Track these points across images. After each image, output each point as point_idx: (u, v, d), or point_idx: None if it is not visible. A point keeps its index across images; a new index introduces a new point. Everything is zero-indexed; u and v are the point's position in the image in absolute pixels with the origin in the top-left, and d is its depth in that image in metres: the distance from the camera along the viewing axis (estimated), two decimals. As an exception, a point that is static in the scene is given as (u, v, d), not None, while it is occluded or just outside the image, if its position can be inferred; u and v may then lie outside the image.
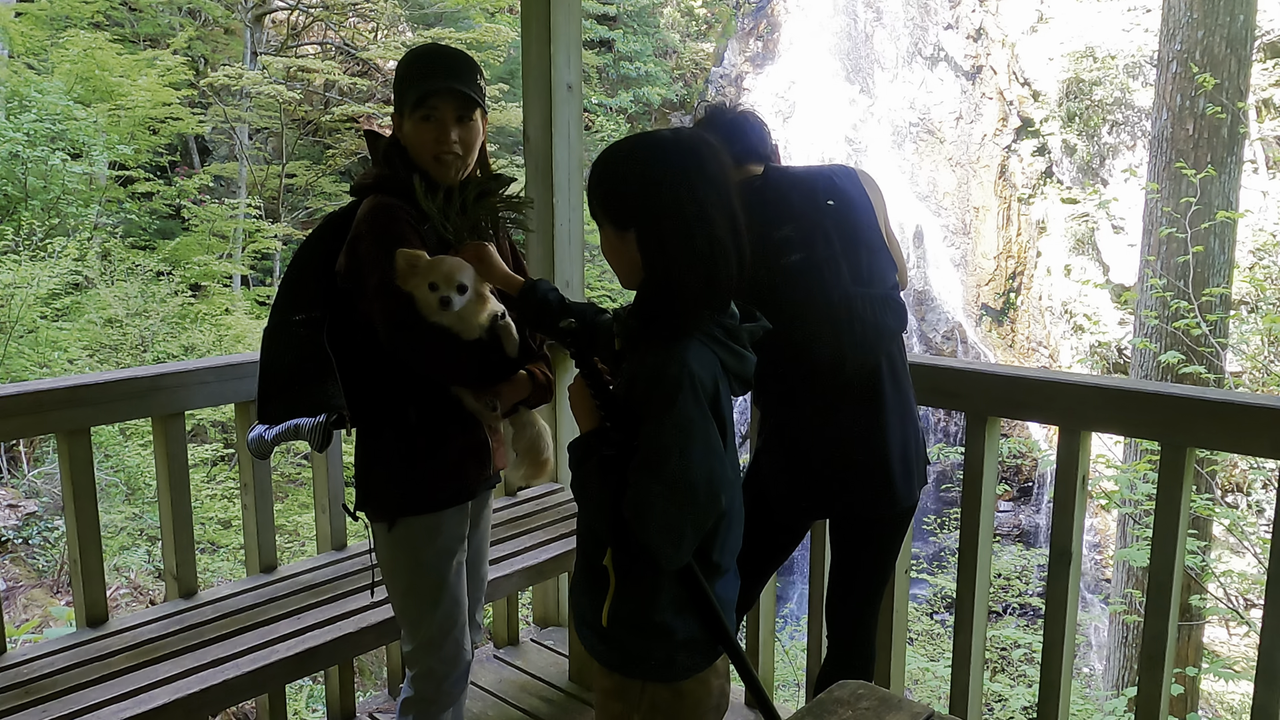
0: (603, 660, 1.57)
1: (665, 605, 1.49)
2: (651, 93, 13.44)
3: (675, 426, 1.38)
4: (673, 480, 1.38)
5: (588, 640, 1.59)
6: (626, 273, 1.52)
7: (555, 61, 2.97)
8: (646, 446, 1.39)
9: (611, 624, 1.51)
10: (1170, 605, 1.97)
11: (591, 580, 1.54)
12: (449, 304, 1.76)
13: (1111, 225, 12.33)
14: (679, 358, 1.41)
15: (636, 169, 1.48)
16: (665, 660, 1.52)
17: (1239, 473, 8.51)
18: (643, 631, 1.51)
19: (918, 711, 1.26)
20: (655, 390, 1.40)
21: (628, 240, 1.48)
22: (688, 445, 1.38)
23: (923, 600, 8.82)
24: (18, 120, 7.69)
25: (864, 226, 1.95)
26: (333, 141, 11.13)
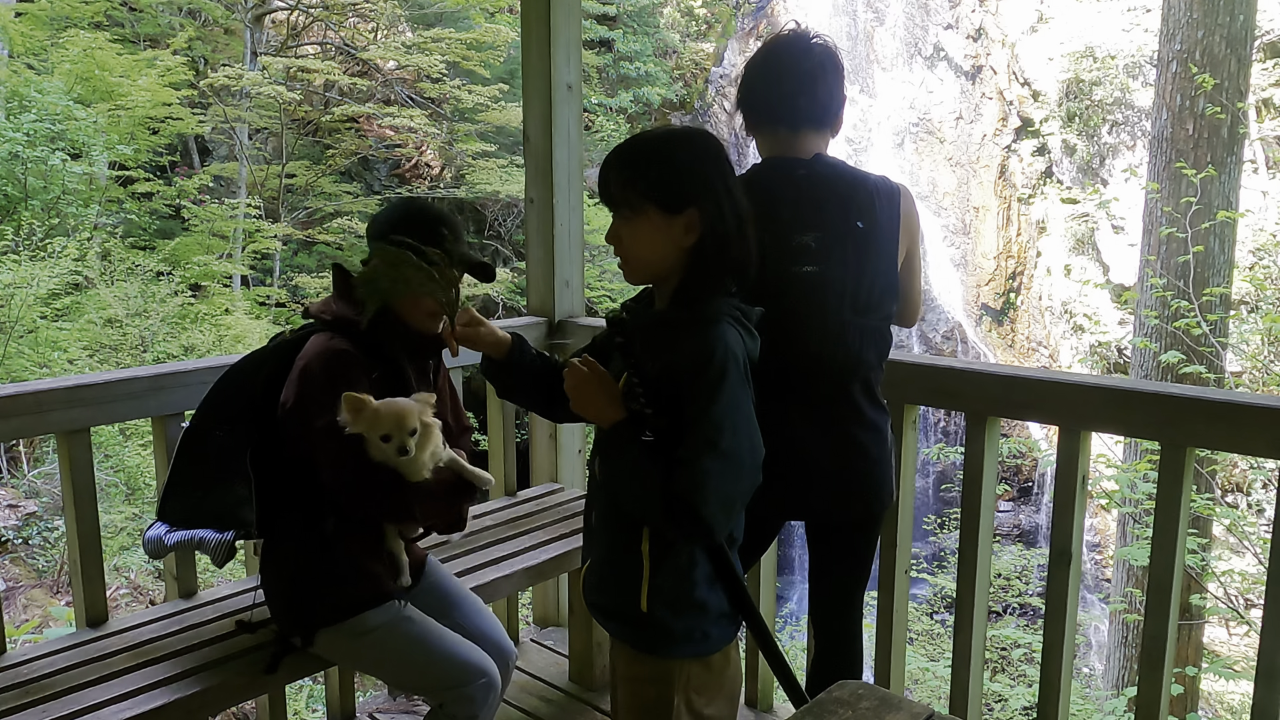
0: (640, 646, 1.59)
1: (700, 581, 1.55)
2: (651, 93, 13.43)
3: (727, 403, 1.44)
4: (728, 454, 1.43)
5: (619, 630, 1.62)
6: (658, 261, 1.54)
7: (555, 61, 2.97)
8: (701, 425, 1.43)
9: (651, 607, 1.54)
10: (1170, 605, 1.97)
11: (621, 569, 1.58)
12: (406, 451, 1.82)
13: (1111, 225, 12.33)
14: (722, 339, 1.47)
15: (685, 149, 1.54)
16: (701, 636, 1.57)
17: (1239, 473, 8.51)
18: (682, 610, 1.55)
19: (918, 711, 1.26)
20: (704, 371, 1.44)
21: (675, 224, 1.51)
22: (738, 420, 1.45)
23: (923, 600, 8.82)
24: (18, 120, 7.69)
25: (882, 255, 1.92)
26: (333, 141, 11.13)
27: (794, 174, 1.90)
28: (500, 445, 3.12)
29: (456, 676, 1.99)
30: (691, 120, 14.02)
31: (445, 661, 2.00)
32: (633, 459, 1.48)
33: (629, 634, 1.61)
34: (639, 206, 1.52)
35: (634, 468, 1.48)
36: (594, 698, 2.84)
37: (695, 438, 1.44)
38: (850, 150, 13.88)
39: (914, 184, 14.01)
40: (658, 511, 1.46)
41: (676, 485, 1.43)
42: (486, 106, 10.53)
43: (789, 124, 1.93)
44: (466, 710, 1.99)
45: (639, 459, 1.47)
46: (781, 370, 1.81)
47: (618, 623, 1.62)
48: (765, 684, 2.75)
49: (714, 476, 1.43)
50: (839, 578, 2.12)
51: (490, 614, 2.26)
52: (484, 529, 2.77)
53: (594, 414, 1.55)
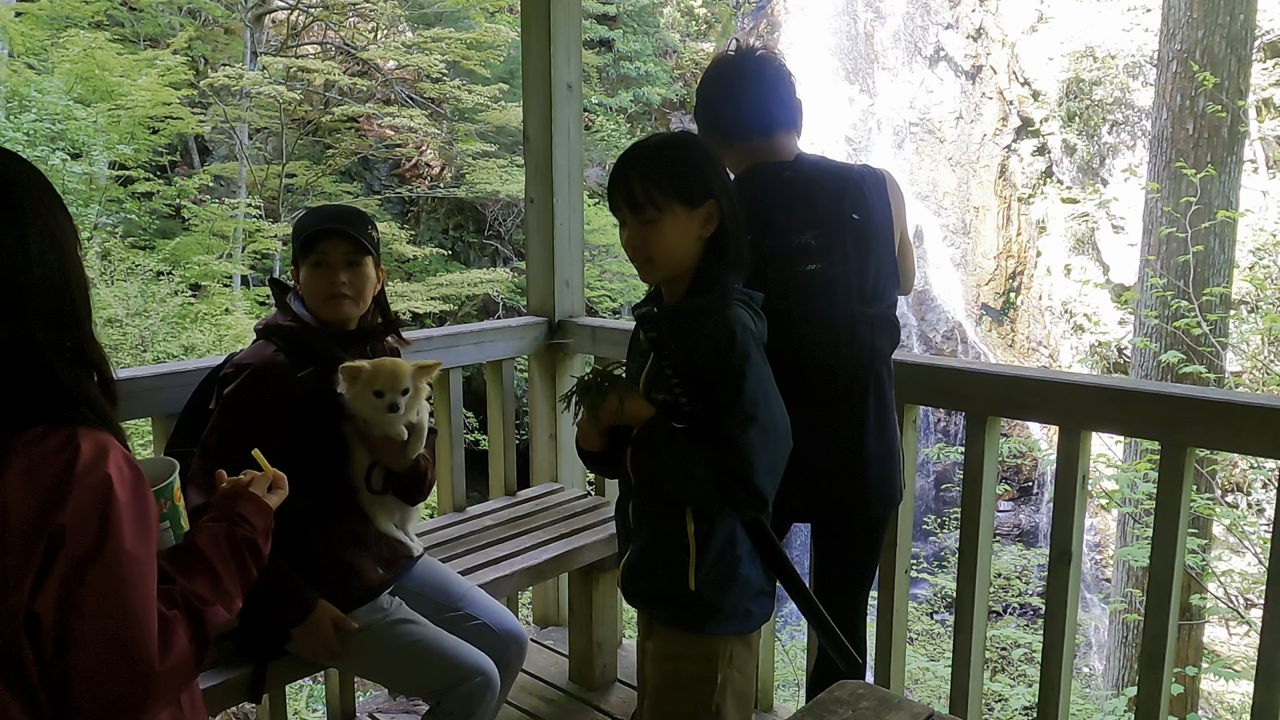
0: (686, 625, 1.64)
1: (743, 557, 1.63)
2: (651, 93, 13.43)
3: (757, 377, 1.53)
4: (767, 425, 1.52)
5: (664, 612, 1.67)
6: (680, 254, 1.62)
7: (555, 61, 2.97)
8: (740, 402, 1.51)
9: (699, 585, 1.60)
10: (1170, 605, 1.97)
11: (667, 553, 1.63)
12: (395, 408, 1.90)
13: (1111, 225, 12.33)
14: (739, 319, 1.56)
15: (696, 147, 1.66)
16: (744, 613, 1.65)
17: (1239, 473, 8.51)
18: (728, 587, 1.62)
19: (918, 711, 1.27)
20: (730, 352, 1.53)
21: (696, 215, 1.60)
22: (769, 391, 1.55)
23: (923, 600, 8.82)
24: (18, 120, 7.69)
25: (879, 242, 1.94)
26: (333, 141, 11.12)
27: (780, 176, 1.92)
28: (500, 445, 3.12)
29: (452, 676, 1.99)
30: (690, 119, 14.01)
31: (440, 661, 2.00)
32: (677, 447, 1.55)
33: (674, 614, 1.66)
34: (664, 205, 1.59)
35: (679, 455, 1.54)
36: (594, 698, 2.84)
37: (736, 415, 1.51)
38: (850, 150, 13.88)
39: (914, 184, 14.01)
40: (710, 490, 1.52)
41: (726, 461, 1.51)
42: (486, 106, 10.53)
43: (762, 131, 1.96)
44: (463, 709, 1.99)
45: (682, 446, 1.54)
46: (799, 369, 1.82)
47: (662, 605, 1.67)
48: (765, 683, 2.75)
49: (759, 447, 1.51)
50: (845, 577, 2.12)
51: (497, 602, 2.27)
52: (484, 529, 2.77)
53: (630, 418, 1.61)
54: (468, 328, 3.04)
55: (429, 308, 9.63)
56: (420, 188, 11.37)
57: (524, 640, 2.21)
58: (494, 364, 3.06)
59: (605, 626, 2.88)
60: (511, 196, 10.80)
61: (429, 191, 11.32)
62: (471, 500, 3.00)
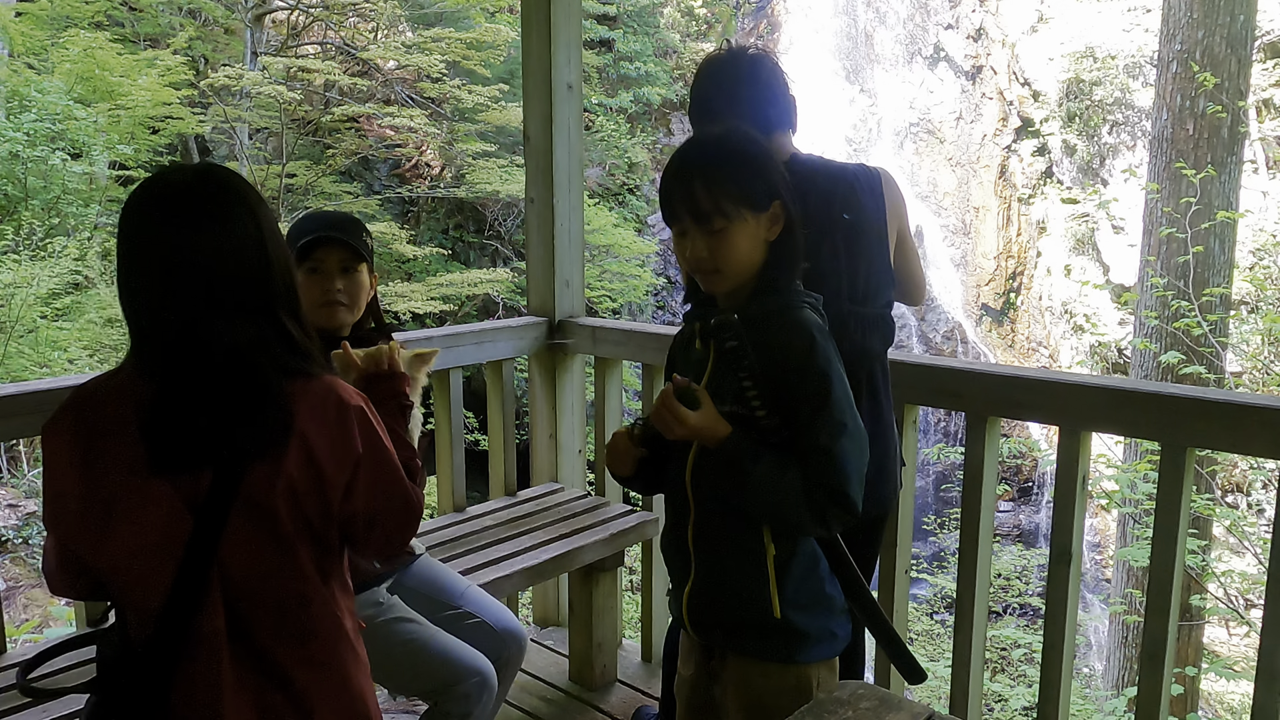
0: (773, 656, 1.53)
1: (826, 576, 1.55)
2: (651, 93, 13.43)
3: (841, 383, 1.46)
4: (855, 433, 1.46)
5: (746, 643, 1.55)
6: (748, 261, 1.51)
7: (555, 61, 2.97)
8: (829, 411, 1.44)
9: (785, 611, 1.51)
10: (1170, 605, 1.97)
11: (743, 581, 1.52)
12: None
13: (1111, 225, 12.33)
14: (813, 322, 1.49)
15: (756, 143, 1.55)
16: (830, 635, 1.56)
17: (1239, 473, 8.51)
18: (814, 610, 1.54)
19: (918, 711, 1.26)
20: (811, 359, 1.45)
21: (763, 219, 1.51)
22: (851, 400, 1.48)
23: (923, 600, 8.82)
24: (18, 120, 7.69)
25: (871, 242, 1.94)
26: (333, 141, 11.11)
27: None
28: (500, 445, 3.12)
29: (448, 676, 1.99)
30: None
31: (437, 661, 2.00)
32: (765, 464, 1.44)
33: (759, 645, 1.54)
34: (733, 213, 1.48)
35: (768, 472, 1.44)
36: (594, 698, 2.84)
37: (827, 424, 1.43)
38: (850, 150, 13.88)
39: (914, 184, 14.01)
40: (801, 508, 1.44)
41: (819, 475, 1.43)
42: (486, 106, 10.52)
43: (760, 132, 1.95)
44: (460, 709, 1.99)
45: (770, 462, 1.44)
46: None
47: (744, 636, 1.55)
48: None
49: (851, 456, 1.45)
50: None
51: (495, 601, 2.26)
52: (484, 529, 2.77)
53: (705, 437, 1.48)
54: (468, 328, 3.04)
55: (429, 308, 9.62)
56: (420, 188, 11.37)
57: (523, 638, 2.21)
58: (494, 364, 3.06)
59: (605, 626, 2.88)
60: (511, 196, 10.80)
61: (429, 191, 11.32)
62: (471, 500, 3.00)
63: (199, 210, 1.31)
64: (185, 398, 1.29)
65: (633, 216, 12.59)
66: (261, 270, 1.33)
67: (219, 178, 1.35)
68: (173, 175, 1.34)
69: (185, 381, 1.29)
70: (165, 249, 1.29)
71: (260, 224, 1.34)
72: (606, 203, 12.23)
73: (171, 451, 1.28)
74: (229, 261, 1.30)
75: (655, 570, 2.99)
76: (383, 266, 10.20)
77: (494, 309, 10.80)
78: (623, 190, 12.77)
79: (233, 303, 1.30)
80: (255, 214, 1.34)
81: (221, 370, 1.29)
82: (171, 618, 1.29)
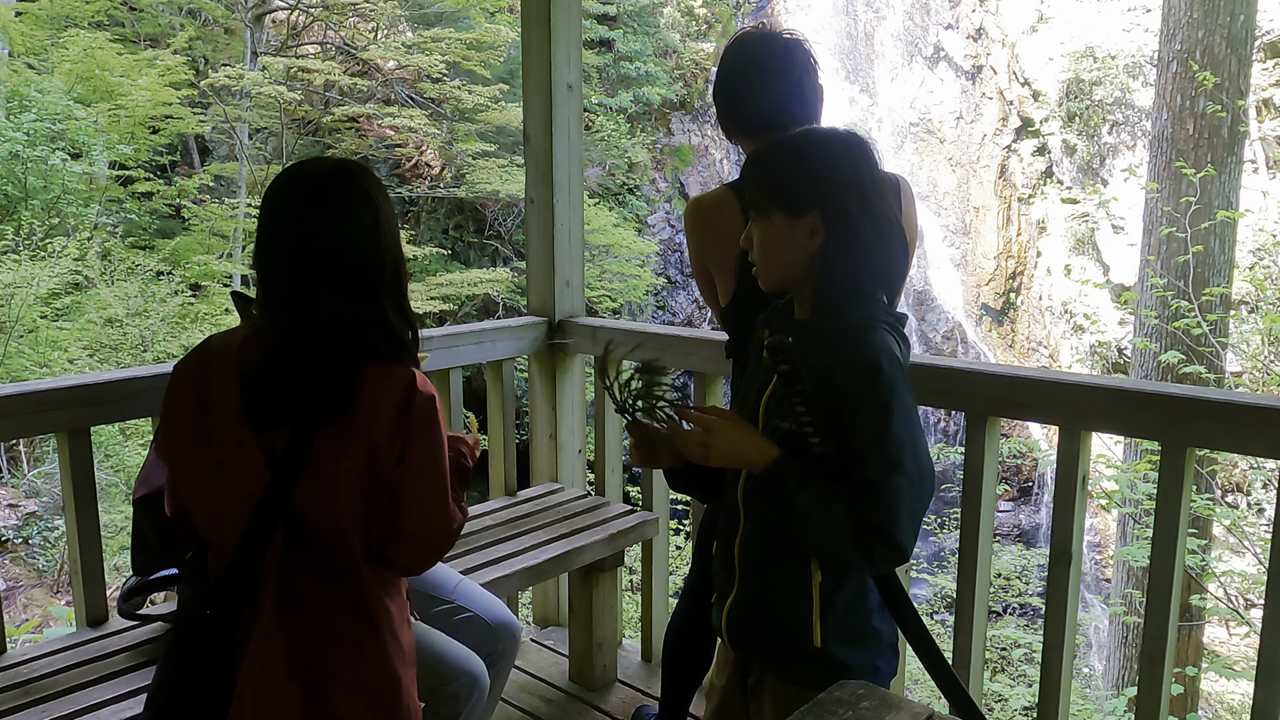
0: (809, 683, 1.43)
1: (874, 610, 1.49)
2: (651, 93, 13.42)
3: (904, 415, 1.37)
4: (912, 470, 1.37)
5: (784, 667, 1.52)
6: (787, 266, 1.47)
7: (555, 61, 2.97)
8: (883, 444, 1.36)
9: (826, 641, 1.46)
10: (1170, 605, 1.97)
11: (786, 604, 1.48)
12: None
13: (1111, 225, 12.33)
14: (883, 346, 1.40)
15: (814, 150, 1.48)
16: (873, 670, 1.50)
17: (1239, 473, 8.51)
18: (857, 643, 1.49)
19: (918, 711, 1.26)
20: (873, 385, 1.37)
21: (801, 226, 1.43)
22: (915, 431, 1.39)
23: (923, 600, 8.82)
24: (18, 120, 7.69)
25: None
26: (333, 141, 11.12)
27: None
28: (500, 445, 3.12)
29: (437, 676, 1.97)
30: (691, 119, 14.01)
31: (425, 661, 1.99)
32: (810, 493, 1.38)
33: (796, 671, 1.50)
34: (768, 210, 1.47)
35: (813, 501, 1.38)
36: (594, 698, 2.84)
37: (880, 458, 1.36)
38: (850, 150, 13.86)
39: (914, 184, 13.90)
40: (846, 542, 1.37)
41: (866, 512, 1.36)
42: (486, 106, 10.52)
43: (783, 129, 1.94)
44: (449, 709, 1.98)
45: (816, 491, 1.38)
46: None
47: (782, 659, 1.52)
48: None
49: (905, 497, 1.37)
50: None
51: (489, 594, 2.26)
52: (484, 529, 2.77)
53: (743, 461, 1.45)
54: (468, 328, 3.04)
55: (429, 308, 9.63)
56: (420, 188, 11.37)
57: (517, 631, 2.20)
58: (494, 364, 3.06)
59: (605, 626, 2.88)
60: (511, 196, 10.80)
61: (429, 191, 11.32)
62: (471, 500, 2.99)
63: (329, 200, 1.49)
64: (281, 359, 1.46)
65: (633, 216, 12.59)
66: (374, 260, 1.49)
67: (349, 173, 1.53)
68: (312, 166, 1.54)
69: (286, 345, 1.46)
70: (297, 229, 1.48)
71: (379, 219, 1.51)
72: (606, 203, 12.23)
73: (259, 405, 1.45)
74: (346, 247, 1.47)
75: (655, 570, 2.99)
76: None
77: (494, 309, 10.80)
78: (623, 190, 12.77)
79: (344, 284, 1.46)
80: (377, 210, 1.51)
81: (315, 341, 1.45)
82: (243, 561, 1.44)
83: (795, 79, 1.95)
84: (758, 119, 1.95)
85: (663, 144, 13.63)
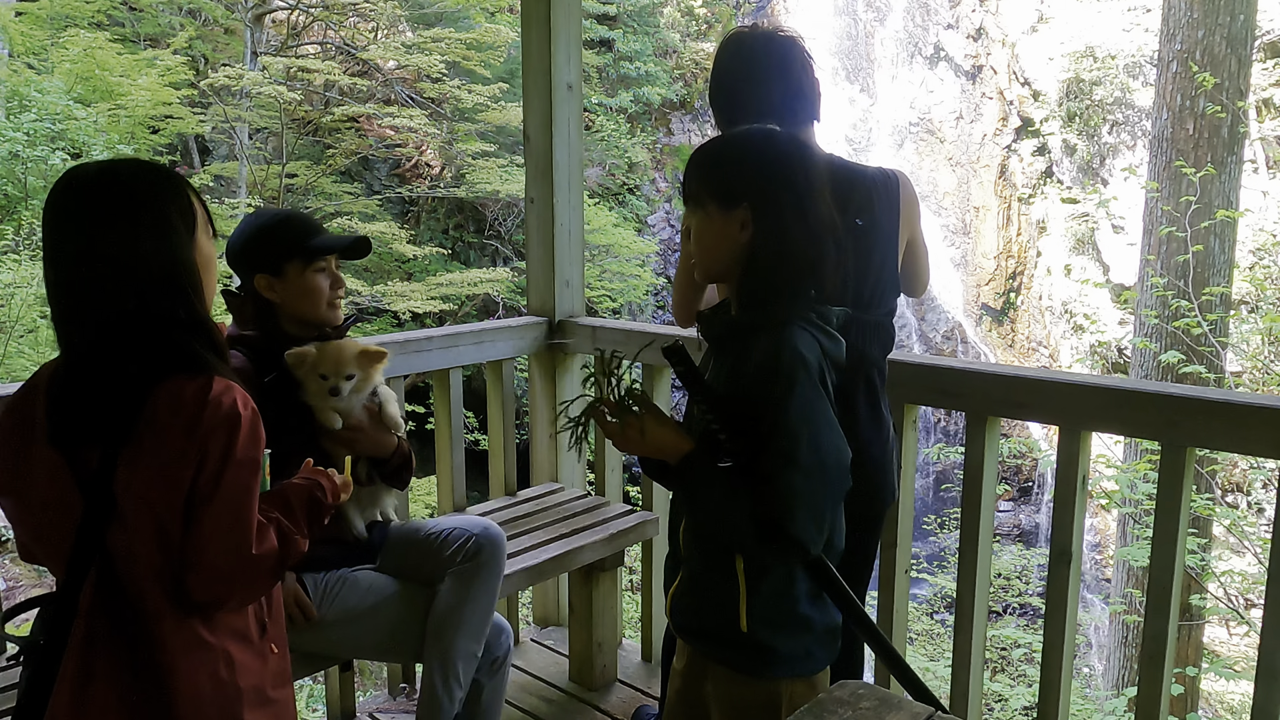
0: (742, 668, 1.53)
1: (801, 597, 1.51)
2: (651, 93, 13.42)
3: (799, 411, 1.39)
4: (810, 465, 1.39)
5: (718, 652, 1.56)
6: (720, 257, 1.51)
7: (555, 61, 2.97)
8: (777, 438, 1.39)
9: (752, 627, 1.50)
10: (1170, 605, 1.97)
11: (716, 591, 1.53)
12: (336, 393, 1.93)
13: (1111, 225, 12.33)
14: (789, 344, 1.42)
15: (751, 145, 1.53)
16: (805, 654, 1.53)
17: (1239, 473, 8.51)
18: (786, 628, 1.51)
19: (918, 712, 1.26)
20: (772, 381, 1.40)
21: (733, 219, 1.48)
22: (815, 426, 1.40)
23: (923, 600, 8.82)
24: (18, 120, 7.68)
25: (881, 249, 1.93)
26: (333, 141, 11.11)
27: None
28: (500, 445, 3.12)
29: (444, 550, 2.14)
30: (691, 119, 14.01)
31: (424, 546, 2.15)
32: (716, 489, 1.43)
33: (729, 655, 1.55)
34: (702, 201, 1.51)
35: (719, 497, 1.43)
36: (594, 698, 2.84)
37: (774, 452, 1.39)
38: (850, 150, 13.87)
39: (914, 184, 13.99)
40: (748, 535, 1.42)
41: (761, 504, 1.39)
42: (486, 106, 10.52)
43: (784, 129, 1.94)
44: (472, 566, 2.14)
45: (723, 487, 1.43)
46: None
47: (715, 644, 1.57)
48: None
49: (800, 492, 1.39)
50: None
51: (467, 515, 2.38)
52: (484, 529, 2.77)
53: (660, 453, 1.50)
54: (468, 328, 3.04)
55: (429, 308, 9.62)
56: (420, 188, 11.37)
57: (499, 538, 2.24)
58: (494, 364, 3.06)
59: (605, 627, 2.88)
60: (511, 196, 10.80)
61: (429, 191, 11.32)
62: (471, 500, 3.00)
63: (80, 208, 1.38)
64: (66, 378, 1.38)
65: (633, 216, 12.59)
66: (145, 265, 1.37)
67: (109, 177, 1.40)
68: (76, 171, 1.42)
69: (70, 363, 1.39)
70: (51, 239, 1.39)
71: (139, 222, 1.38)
72: (606, 203, 12.23)
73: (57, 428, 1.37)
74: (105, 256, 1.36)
75: (655, 570, 2.99)
76: (382, 266, 10.20)
77: (494, 309, 10.80)
78: (623, 190, 12.77)
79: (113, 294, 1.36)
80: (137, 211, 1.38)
81: (92, 358, 1.36)
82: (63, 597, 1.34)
83: (795, 78, 1.94)
84: (760, 120, 1.95)
85: (663, 144, 13.62)
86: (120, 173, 1.42)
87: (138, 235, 1.37)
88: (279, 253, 2.04)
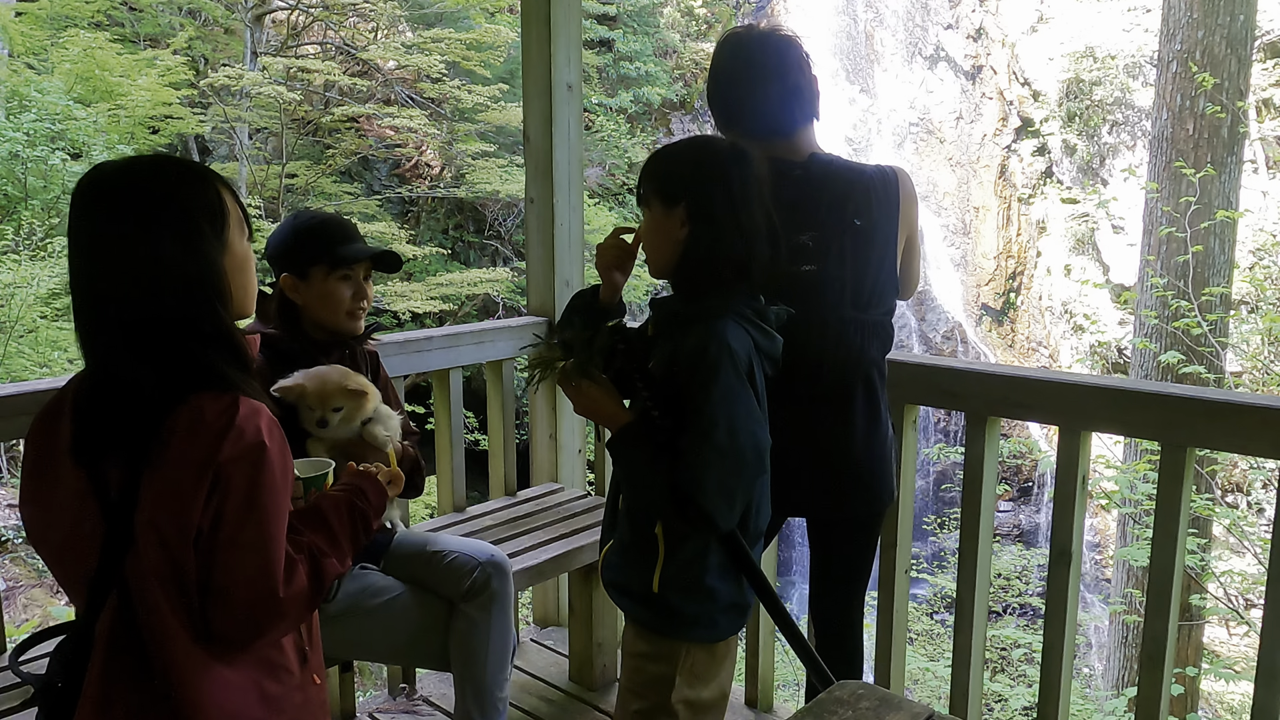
0: (648, 625, 1.68)
1: (712, 569, 1.63)
2: (651, 93, 13.42)
3: (721, 397, 1.51)
4: (724, 446, 1.51)
5: (632, 608, 1.71)
6: (664, 253, 1.63)
7: (555, 61, 2.97)
8: (697, 420, 1.52)
9: (662, 589, 1.63)
10: (1170, 605, 1.97)
11: (638, 552, 1.66)
12: (324, 424, 1.94)
13: (1111, 225, 12.33)
14: (718, 336, 1.54)
15: (692, 149, 1.67)
16: (709, 622, 1.66)
17: (1239, 473, 8.51)
18: (692, 595, 1.64)
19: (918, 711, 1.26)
20: (698, 368, 1.53)
21: (673, 216, 1.60)
22: (734, 412, 1.52)
23: (923, 600, 8.82)
24: (18, 120, 7.68)
25: (880, 250, 1.93)
26: (333, 141, 11.11)
27: (790, 175, 1.90)
28: (500, 445, 3.12)
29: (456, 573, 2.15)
30: (691, 119, 14.01)
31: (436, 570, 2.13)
32: (640, 453, 1.58)
33: (640, 613, 1.69)
34: (649, 200, 1.63)
35: (642, 465, 1.58)
36: (594, 698, 2.84)
37: (694, 430, 1.52)
38: (850, 150, 13.87)
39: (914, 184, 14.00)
40: (666, 502, 1.55)
41: (678, 477, 1.52)
42: (486, 106, 10.52)
43: (784, 132, 1.94)
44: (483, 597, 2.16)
45: (647, 455, 1.57)
46: (785, 368, 1.82)
47: (631, 601, 1.70)
48: (765, 684, 2.75)
49: (712, 469, 1.50)
50: (839, 576, 2.13)
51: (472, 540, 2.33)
52: (484, 529, 2.78)
53: (603, 419, 1.66)
54: (468, 328, 3.05)
55: (429, 308, 9.62)
56: (420, 188, 11.37)
57: (505, 565, 2.24)
58: (494, 364, 3.06)
59: (605, 627, 2.88)
60: (511, 196, 10.80)
61: (429, 191, 11.32)
62: (471, 500, 3.00)
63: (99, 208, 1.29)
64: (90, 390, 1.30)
65: (632, 216, 12.59)
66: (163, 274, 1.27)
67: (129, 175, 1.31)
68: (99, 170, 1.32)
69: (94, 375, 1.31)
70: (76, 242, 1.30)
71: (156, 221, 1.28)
72: (606, 203, 12.23)
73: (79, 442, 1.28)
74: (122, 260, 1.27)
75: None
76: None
77: (494, 309, 10.80)
78: (623, 190, 12.77)
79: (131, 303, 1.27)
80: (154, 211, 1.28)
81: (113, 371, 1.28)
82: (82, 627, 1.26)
83: (792, 78, 1.94)
84: (761, 122, 1.95)
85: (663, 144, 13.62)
86: (139, 169, 1.32)
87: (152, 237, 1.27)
88: (306, 255, 2.04)
